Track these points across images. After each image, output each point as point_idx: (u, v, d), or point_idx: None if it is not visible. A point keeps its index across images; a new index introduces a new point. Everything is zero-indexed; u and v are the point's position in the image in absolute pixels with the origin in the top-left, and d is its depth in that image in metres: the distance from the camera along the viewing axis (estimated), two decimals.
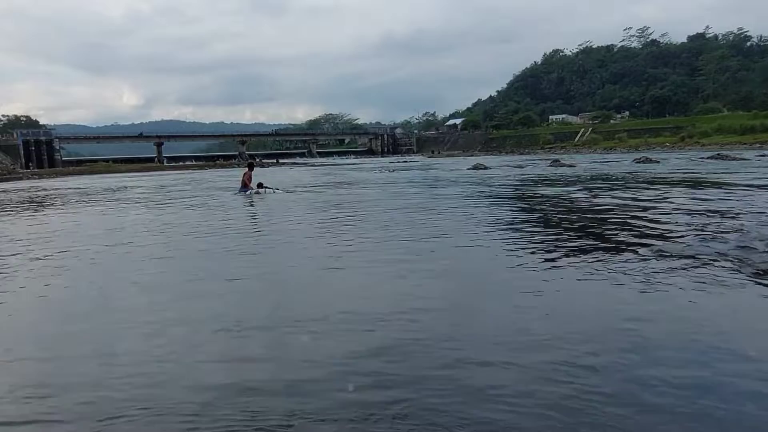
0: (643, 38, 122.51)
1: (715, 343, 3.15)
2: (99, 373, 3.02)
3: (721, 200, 9.75)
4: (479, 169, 27.21)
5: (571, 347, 3.12)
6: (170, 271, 5.79)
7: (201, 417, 2.46)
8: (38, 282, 5.34)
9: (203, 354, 3.28)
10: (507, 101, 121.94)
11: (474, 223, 8.24)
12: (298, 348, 3.32)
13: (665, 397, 2.50)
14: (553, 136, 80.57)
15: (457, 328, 3.60)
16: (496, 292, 4.56)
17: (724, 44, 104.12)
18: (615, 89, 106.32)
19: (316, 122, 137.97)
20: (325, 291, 4.77)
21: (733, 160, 25.00)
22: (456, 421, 2.34)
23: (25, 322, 4.26)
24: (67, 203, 16.02)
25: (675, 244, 5.86)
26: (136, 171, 50.87)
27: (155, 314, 4.13)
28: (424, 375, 2.81)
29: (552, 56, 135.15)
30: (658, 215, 8.14)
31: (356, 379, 2.78)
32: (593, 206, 10.03)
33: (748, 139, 51.81)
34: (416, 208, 10.83)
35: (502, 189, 15.26)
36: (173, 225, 9.65)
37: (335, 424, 2.36)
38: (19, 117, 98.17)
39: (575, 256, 5.51)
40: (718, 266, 4.80)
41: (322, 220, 9.55)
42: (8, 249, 7.38)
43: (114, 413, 2.52)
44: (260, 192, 15.03)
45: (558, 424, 2.29)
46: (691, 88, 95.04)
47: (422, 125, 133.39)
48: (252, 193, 14.98)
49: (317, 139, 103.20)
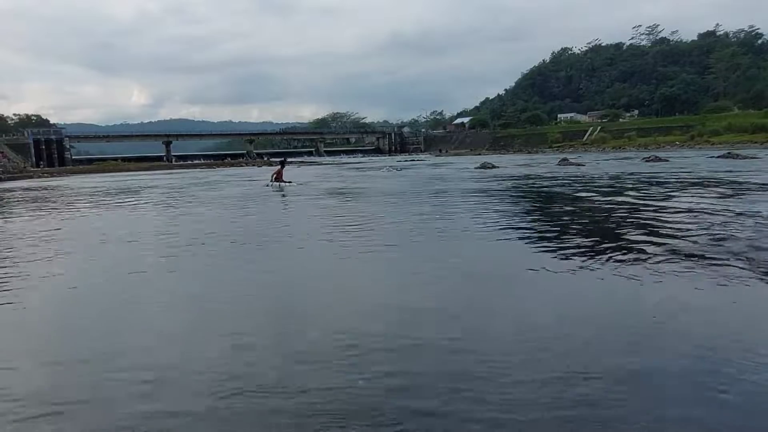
0: (653, 36, 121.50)
1: (728, 342, 3.17)
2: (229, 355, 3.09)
3: (732, 199, 9.69)
4: (487, 168, 27.16)
5: (586, 345, 3.14)
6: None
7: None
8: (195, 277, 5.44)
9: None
10: (515, 100, 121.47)
11: (482, 222, 8.26)
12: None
13: (681, 392, 2.52)
14: (561, 134, 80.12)
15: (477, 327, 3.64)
16: (512, 292, 4.59)
17: (734, 42, 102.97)
18: (624, 88, 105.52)
19: (323, 121, 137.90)
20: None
21: (743, 159, 24.78)
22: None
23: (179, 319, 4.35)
24: (98, 203, 16.20)
25: (687, 243, 5.85)
26: (145, 170, 51.21)
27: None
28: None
29: (560, 54, 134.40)
30: (669, 214, 8.11)
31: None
32: (604, 205, 10.00)
33: (759, 138, 51.25)
34: (428, 208, 10.86)
35: (510, 188, 15.24)
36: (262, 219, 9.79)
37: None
38: (30, 116, 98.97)
39: (588, 254, 5.52)
40: (730, 265, 4.79)
41: (324, 216, 9.67)
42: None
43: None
44: (282, 184, 18.42)
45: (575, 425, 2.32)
46: (701, 87, 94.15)
47: (430, 124, 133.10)
48: (282, 185, 18.31)
49: (324, 138, 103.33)
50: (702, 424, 2.30)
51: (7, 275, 5.59)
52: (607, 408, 2.42)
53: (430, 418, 2.38)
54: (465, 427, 2.31)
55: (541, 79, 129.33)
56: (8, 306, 4.44)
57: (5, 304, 4.49)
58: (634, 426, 2.28)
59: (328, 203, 12.63)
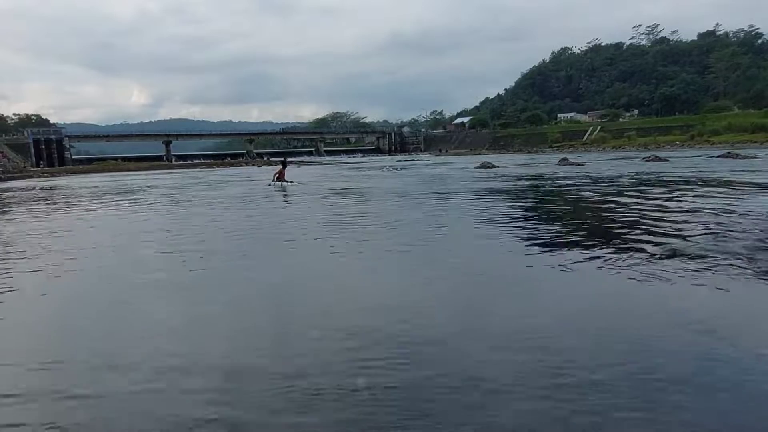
0: (653, 36, 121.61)
1: (728, 342, 3.16)
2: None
3: (732, 199, 9.69)
4: (487, 167, 27.16)
5: (585, 345, 3.14)
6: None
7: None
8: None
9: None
10: (515, 99, 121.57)
11: (483, 220, 8.26)
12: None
13: (678, 396, 2.52)
14: (561, 134, 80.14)
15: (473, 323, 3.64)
16: (512, 291, 4.59)
17: (734, 42, 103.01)
18: (624, 87, 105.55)
19: (323, 121, 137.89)
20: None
21: (743, 158, 24.79)
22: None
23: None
24: (107, 202, 16.20)
25: (687, 242, 5.85)
26: (145, 170, 51.20)
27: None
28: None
29: (560, 54, 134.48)
30: (669, 214, 8.11)
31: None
32: (604, 205, 9.99)
33: (759, 138, 51.27)
34: (427, 208, 10.87)
35: (510, 188, 15.24)
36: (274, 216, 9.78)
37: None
38: (30, 116, 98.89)
39: (588, 254, 5.51)
40: (731, 265, 4.79)
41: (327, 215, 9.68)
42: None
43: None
44: (284, 183, 18.89)
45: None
46: (701, 86, 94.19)
47: (430, 124, 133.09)
48: (284, 185, 18.68)
49: (324, 137, 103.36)
50: (702, 424, 2.30)
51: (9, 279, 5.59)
52: (606, 408, 2.42)
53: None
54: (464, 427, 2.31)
55: (541, 79, 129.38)
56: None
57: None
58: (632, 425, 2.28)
59: (332, 202, 12.62)
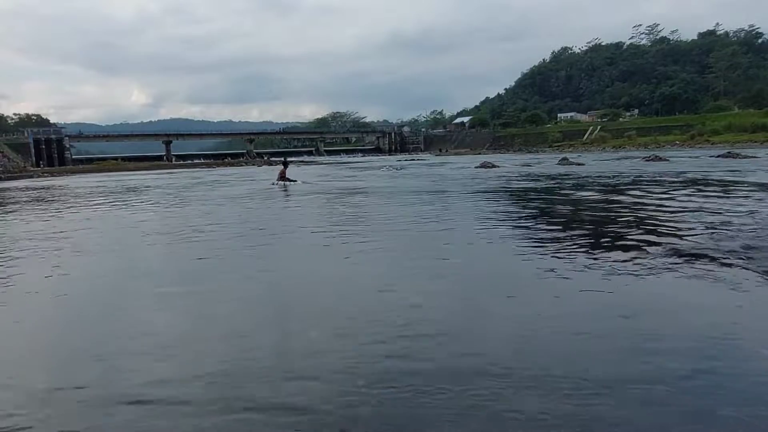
0: (653, 35, 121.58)
1: (728, 341, 3.17)
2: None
3: (732, 199, 9.70)
4: (487, 167, 27.15)
5: (588, 345, 3.15)
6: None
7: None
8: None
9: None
10: (515, 99, 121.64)
11: (482, 221, 8.26)
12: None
13: (677, 396, 2.53)
14: (561, 134, 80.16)
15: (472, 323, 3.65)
16: (512, 291, 4.60)
17: (735, 41, 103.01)
18: (624, 87, 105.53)
19: (323, 120, 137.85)
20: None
21: (743, 158, 24.80)
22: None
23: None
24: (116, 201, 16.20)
25: (687, 242, 5.85)
26: (145, 169, 51.20)
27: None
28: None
29: (560, 54, 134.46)
30: (670, 214, 8.11)
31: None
32: (604, 205, 10.00)
33: (759, 137, 51.30)
34: (427, 207, 10.88)
35: (511, 187, 15.24)
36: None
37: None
38: (30, 116, 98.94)
39: (588, 254, 5.52)
40: (730, 264, 4.80)
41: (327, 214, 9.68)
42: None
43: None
44: (286, 183, 19.25)
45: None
46: (702, 86, 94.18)
47: (430, 123, 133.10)
48: (286, 184, 19.03)
49: (325, 137, 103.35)
50: (702, 424, 2.31)
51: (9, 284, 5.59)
52: (606, 407, 2.43)
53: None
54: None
55: (541, 79, 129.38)
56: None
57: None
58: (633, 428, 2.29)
59: (333, 201, 12.64)
